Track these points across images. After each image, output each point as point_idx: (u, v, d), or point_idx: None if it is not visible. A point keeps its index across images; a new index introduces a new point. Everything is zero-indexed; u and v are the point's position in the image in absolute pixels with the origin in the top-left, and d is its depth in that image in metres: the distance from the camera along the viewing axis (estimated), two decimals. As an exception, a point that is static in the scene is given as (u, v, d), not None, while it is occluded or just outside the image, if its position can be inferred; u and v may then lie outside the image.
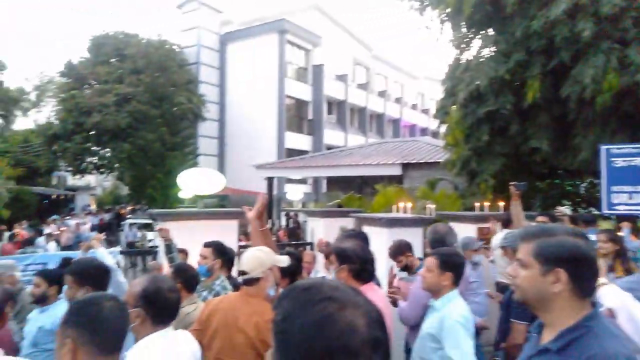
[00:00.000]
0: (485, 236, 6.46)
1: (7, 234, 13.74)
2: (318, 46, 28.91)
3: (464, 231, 5.95)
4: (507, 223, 5.76)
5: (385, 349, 0.83)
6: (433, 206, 6.93)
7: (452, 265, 2.66)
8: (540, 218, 5.15)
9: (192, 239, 5.06)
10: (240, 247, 7.33)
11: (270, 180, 17.66)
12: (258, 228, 3.16)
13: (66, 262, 4.33)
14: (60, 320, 1.49)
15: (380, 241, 5.26)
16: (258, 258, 2.47)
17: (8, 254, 8.62)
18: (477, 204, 6.92)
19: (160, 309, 1.96)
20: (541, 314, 1.47)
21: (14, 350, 2.80)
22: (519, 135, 8.32)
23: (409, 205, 6.83)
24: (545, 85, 7.74)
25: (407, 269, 4.10)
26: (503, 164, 8.43)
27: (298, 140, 27.43)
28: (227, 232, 6.10)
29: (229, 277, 4.07)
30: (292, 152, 25.55)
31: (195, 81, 27.07)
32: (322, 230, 7.52)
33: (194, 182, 6.52)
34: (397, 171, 13.38)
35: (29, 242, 9.70)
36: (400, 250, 3.97)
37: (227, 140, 28.68)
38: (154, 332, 1.93)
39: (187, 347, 2.06)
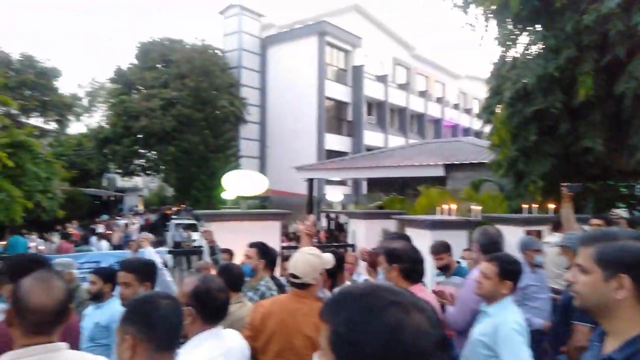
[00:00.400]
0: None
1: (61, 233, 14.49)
2: (358, 47, 28.84)
3: (512, 234, 5.76)
4: (557, 226, 5.54)
5: (449, 348, 0.82)
6: (479, 208, 6.76)
7: (512, 273, 2.56)
8: (594, 221, 4.92)
9: (235, 239, 5.15)
10: (283, 247, 7.41)
11: (310, 181, 17.75)
12: (308, 238, 3.29)
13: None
14: (120, 317, 1.55)
15: (423, 244, 5.17)
16: (311, 264, 2.47)
17: (64, 253, 9.09)
18: (524, 206, 6.70)
19: (210, 308, 2.00)
20: (603, 322, 1.40)
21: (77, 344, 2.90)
22: (569, 135, 7.98)
23: (454, 207, 6.69)
24: (598, 82, 7.39)
25: (445, 269, 4.10)
26: (552, 164, 8.11)
27: (338, 142, 27.45)
28: (269, 233, 6.17)
29: (272, 278, 4.13)
30: (332, 154, 25.59)
31: (237, 85, 27.62)
32: (364, 232, 7.49)
33: (238, 183, 6.63)
34: (439, 172, 13.13)
35: (84, 241, 10.19)
36: (437, 251, 4.06)
37: (268, 142, 29.07)
38: (205, 330, 1.97)
39: (237, 346, 2.09)
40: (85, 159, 25.54)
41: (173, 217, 22.91)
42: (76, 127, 32.73)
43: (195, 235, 16.02)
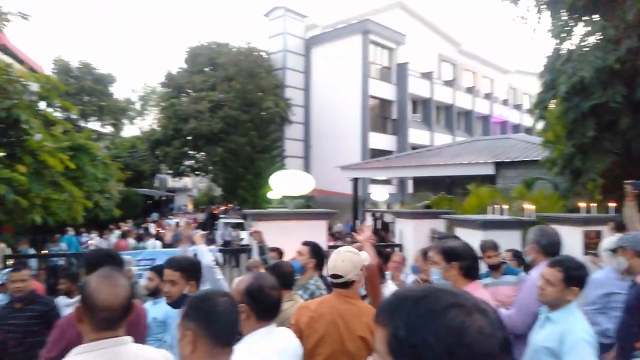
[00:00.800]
0: (592, 240, 5.93)
1: (117, 232, 15.16)
2: (402, 44, 28.47)
3: (569, 235, 5.50)
4: (620, 227, 5.24)
5: (511, 350, 0.80)
6: (532, 207, 6.49)
7: (579, 279, 2.41)
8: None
9: (282, 238, 5.21)
10: (330, 247, 7.43)
11: (355, 181, 17.68)
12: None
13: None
14: (180, 313, 1.60)
15: (474, 244, 5.05)
16: (351, 261, 2.48)
17: (121, 250, 9.52)
18: (582, 205, 6.37)
19: (263, 305, 2.03)
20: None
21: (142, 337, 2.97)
22: (631, 130, 7.52)
23: (505, 206, 6.47)
24: (663, 73, 6.92)
25: (493, 269, 4.00)
26: (613, 161, 7.67)
27: (382, 141, 27.22)
28: (316, 232, 6.20)
29: (321, 277, 4.14)
30: (376, 153, 25.40)
31: (282, 86, 27.97)
32: (412, 232, 7.38)
33: (285, 183, 6.71)
34: (489, 170, 12.74)
35: (139, 239, 10.65)
36: (488, 248, 4.01)
37: (312, 142, 29.23)
38: (258, 327, 2.00)
39: (291, 343, 2.11)
40: (138, 160, 26.66)
41: (221, 216, 23.48)
42: (130, 130, 34.26)
43: (243, 234, 16.34)
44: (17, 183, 7.44)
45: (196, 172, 28.91)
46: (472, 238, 5.29)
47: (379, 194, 20.97)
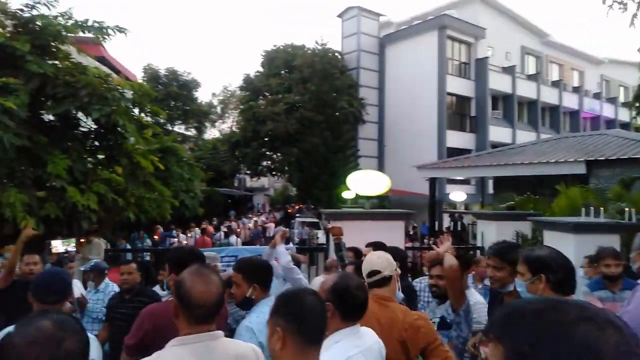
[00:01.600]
0: None
1: (197, 230, 16.00)
2: (481, 39, 27.31)
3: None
4: None
5: None
6: (632, 209, 5.92)
7: None
8: None
9: (359, 239, 5.19)
10: (407, 248, 7.30)
11: (432, 181, 17.23)
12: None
13: None
14: (270, 310, 1.64)
15: (565, 249, 4.70)
16: (386, 258, 2.49)
17: (204, 247, 10.04)
18: (694, 208, 5.71)
19: (348, 305, 2.02)
20: None
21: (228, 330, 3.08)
22: None
23: (601, 208, 5.96)
24: None
25: (608, 279, 3.60)
26: None
27: (460, 139, 26.29)
28: (393, 233, 6.13)
29: (401, 280, 4.06)
30: (454, 152, 24.58)
31: (356, 85, 27.99)
32: (494, 234, 7.04)
33: (361, 183, 6.70)
34: (580, 169, 11.80)
35: (226, 236, 11.20)
36: (602, 255, 3.67)
37: (386, 141, 28.93)
38: (344, 327, 2.00)
39: (376, 344, 2.10)
40: (219, 161, 27.99)
41: (296, 215, 23.97)
42: (211, 133, 36.05)
43: (318, 233, 16.53)
44: (115, 183, 8.11)
45: (273, 172, 29.78)
46: (563, 242, 4.94)
47: (457, 194, 20.26)
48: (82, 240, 8.89)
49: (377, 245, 3.84)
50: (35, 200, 6.53)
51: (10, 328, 1.37)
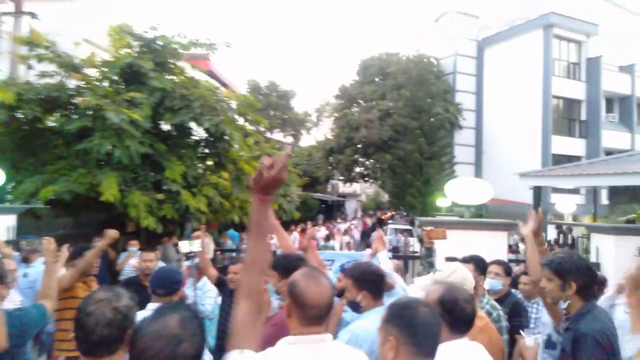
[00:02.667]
0: None
1: (295, 233, 16.48)
2: (593, 36, 25.05)
3: None
4: None
5: None
6: None
7: None
8: None
9: (458, 249, 5.02)
10: (510, 260, 6.92)
11: (537, 190, 16.11)
12: (537, 246, 2.96)
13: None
14: (382, 318, 1.66)
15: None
16: (464, 277, 2.40)
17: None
18: None
19: (456, 318, 1.98)
20: None
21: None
22: None
23: None
24: None
25: None
26: None
27: (568, 145, 24.30)
28: (496, 244, 5.86)
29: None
30: (560, 158, 22.79)
31: (452, 90, 27.16)
32: (612, 250, 6.42)
33: (461, 191, 6.50)
34: None
35: (327, 239, 11.55)
36: None
37: (485, 147, 27.63)
38: (451, 339, 1.97)
39: (485, 358, 2.04)
40: (314, 167, 28.71)
41: (389, 222, 23.75)
42: (307, 140, 37.09)
43: (412, 241, 16.25)
44: (221, 187, 8.72)
45: (365, 179, 29.87)
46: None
47: (566, 204, 18.72)
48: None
49: (475, 261, 3.66)
50: (155, 202, 7.22)
51: (146, 312, 1.57)
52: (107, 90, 7.63)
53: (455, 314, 1.97)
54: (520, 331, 2.70)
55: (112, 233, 3.61)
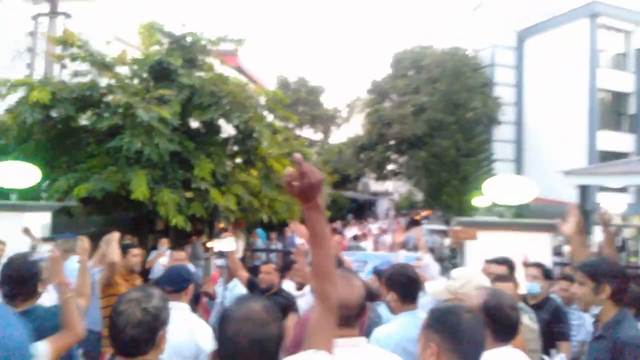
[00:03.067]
0: None
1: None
2: (643, 25, 23.70)
3: None
4: None
5: None
6: None
7: None
8: None
9: (497, 252, 4.70)
10: (555, 264, 6.48)
11: (582, 189, 15.31)
12: (581, 246, 2.86)
13: None
14: (423, 323, 1.61)
15: None
16: (470, 281, 2.32)
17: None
18: None
19: (500, 325, 1.91)
20: None
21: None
22: None
23: None
24: None
25: None
26: None
27: (615, 140, 23.08)
28: (538, 247, 5.48)
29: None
30: (607, 155, 21.63)
31: (490, 84, 26.29)
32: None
33: (501, 189, 6.09)
34: None
35: (355, 239, 11.41)
36: None
37: (525, 144, 26.63)
38: (494, 347, 1.88)
39: None
40: (344, 165, 28.40)
41: (423, 222, 23.23)
42: (337, 137, 36.81)
43: (447, 242, 15.76)
44: (250, 185, 8.61)
45: (398, 177, 29.34)
46: None
47: (614, 204, 17.73)
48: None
49: (507, 262, 3.45)
50: (184, 200, 7.17)
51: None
52: (138, 88, 7.65)
53: (500, 321, 1.90)
54: (543, 357, 2.57)
55: (113, 236, 3.57)
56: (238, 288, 5.06)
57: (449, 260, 3.95)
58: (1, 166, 5.81)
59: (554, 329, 3.33)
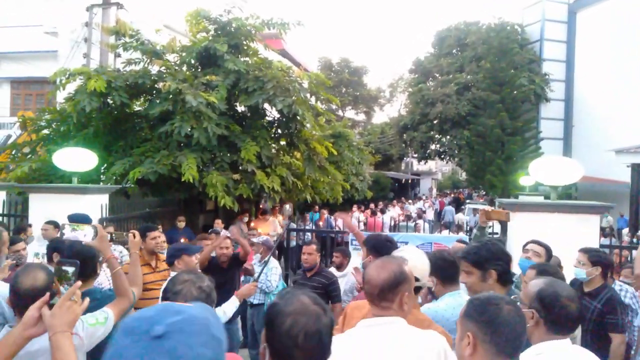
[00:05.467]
0: None
1: (355, 213, 16.30)
2: None
3: None
4: None
5: None
6: None
7: None
8: None
9: (542, 234, 4.67)
10: (602, 246, 6.35)
11: (636, 167, 14.63)
12: None
13: None
14: (461, 312, 1.58)
15: None
16: (426, 264, 2.30)
17: (376, 229, 10.28)
18: None
19: (556, 316, 1.80)
20: None
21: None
22: None
23: None
24: None
25: None
26: None
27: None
28: (585, 228, 5.38)
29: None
30: (667, 132, 20.42)
31: (538, 60, 25.22)
32: None
33: (547, 170, 6.01)
34: None
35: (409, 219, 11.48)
36: None
37: (575, 121, 25.49)
38: (549, 339, 1.81)
39: None
40: (387, 145, 28.25)
41: (467, 201, 22.87)
42: (380, 117, 36.51)
43: (490, 222, 15.48)
44: (294, 167, 8.84)
45: (441, 156, 28.90)
46: None
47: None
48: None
49: (589, 251, 3.40)
50: (231, 181, 7.49)
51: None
52: (186, 74, 7.95)
53: (555, 312, 1.80)
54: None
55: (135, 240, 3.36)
56: (273, 263, 5.36)
57: (476, 239, 3.90)
58: (63, 152, 6.19)
59: (607, 320, 3.20)
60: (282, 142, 9.40)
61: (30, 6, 13.93)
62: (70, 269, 1.72)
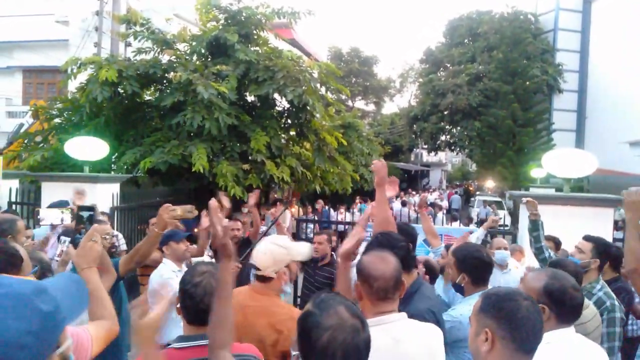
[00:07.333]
0: None
1: (359, 205, 16.25)
2: None
3: None
4: None
5: None
6: None
7: None
8: None
9: (555, 226, 4.63)
10: (615, 240, 6.27)
11: (650, 160, 14.43)
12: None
13: None
14: (475, 306, 1.55)
15: None
16: (273, 255, 2.19)
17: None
18: None
19: (565, 307, 1.83)
20: None
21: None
22: None
23: None
24: None
25: None
26: None
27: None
28: (600, 222, 5.33)
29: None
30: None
31: (552, 50, 24.83)
32: None
33: (559, 162, 5.93)
34: None
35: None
36: None
37: (588, 112, 25.14)
38: (556, 329, 1.83)
39: (590, 354, 1.84)
40: (397, 136, 28.10)
41: (477, 193, 22.72)
42: (389, 108, 36.28)
43: (501, 214, 15.41)
44: (304, 157, 8.82)
45: (452, 147, 28.70)
46: None
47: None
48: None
49: (594, 241, 3.30)
50: (241, 171, 7.50)
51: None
52: (197, 64, 7.93)
53: (566, 304, 1.83)
54: None
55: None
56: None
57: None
58: (75, 141, 6.24)
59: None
60: (292, 132, 9.37)
61: (42, -5, 13.99)
62: (86, 214, 2.00)
